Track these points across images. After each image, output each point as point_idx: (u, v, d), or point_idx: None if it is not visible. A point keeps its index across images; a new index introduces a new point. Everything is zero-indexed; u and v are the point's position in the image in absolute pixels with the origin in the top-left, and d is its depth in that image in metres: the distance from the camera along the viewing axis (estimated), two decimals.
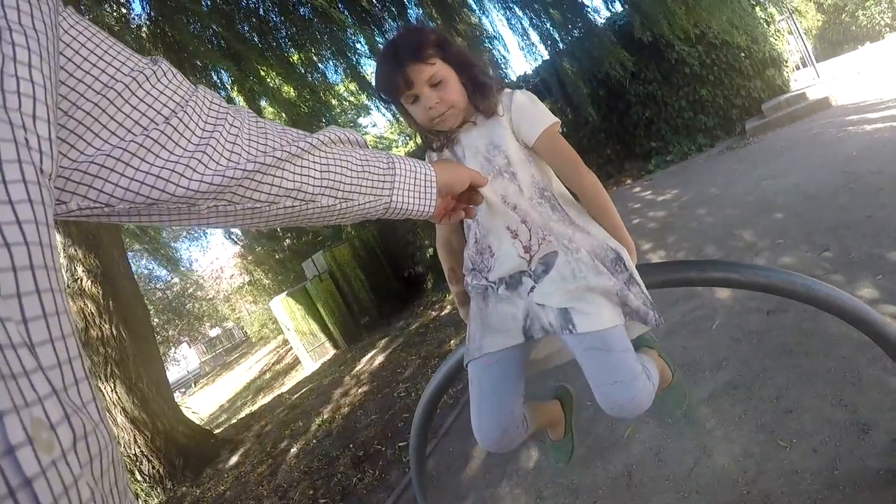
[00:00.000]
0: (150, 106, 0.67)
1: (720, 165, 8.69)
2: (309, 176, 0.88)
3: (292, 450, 5.56)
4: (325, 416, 6.06)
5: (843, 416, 2.28)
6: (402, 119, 1.64)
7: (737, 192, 6.54)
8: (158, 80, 0.69)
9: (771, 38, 10.69)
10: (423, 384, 5.36)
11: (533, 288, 1.44)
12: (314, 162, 0.90)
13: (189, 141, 0.71)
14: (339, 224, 1.02)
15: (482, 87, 1.53)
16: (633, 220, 7.51)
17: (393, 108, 1.63)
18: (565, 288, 1.40)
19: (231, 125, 0.78)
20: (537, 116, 1.51)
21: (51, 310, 0.43)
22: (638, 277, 1.49)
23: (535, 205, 1.50)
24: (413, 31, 1.55)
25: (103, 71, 0.63)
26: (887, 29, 17.05)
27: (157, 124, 0.67)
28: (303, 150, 0.87)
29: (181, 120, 0.70)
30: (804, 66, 12.47)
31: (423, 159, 1.59)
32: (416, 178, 1.05)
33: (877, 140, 6.02)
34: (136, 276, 8.27)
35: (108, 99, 0.63)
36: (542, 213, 1.49)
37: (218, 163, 0.74)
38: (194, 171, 0.71)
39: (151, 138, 0.67)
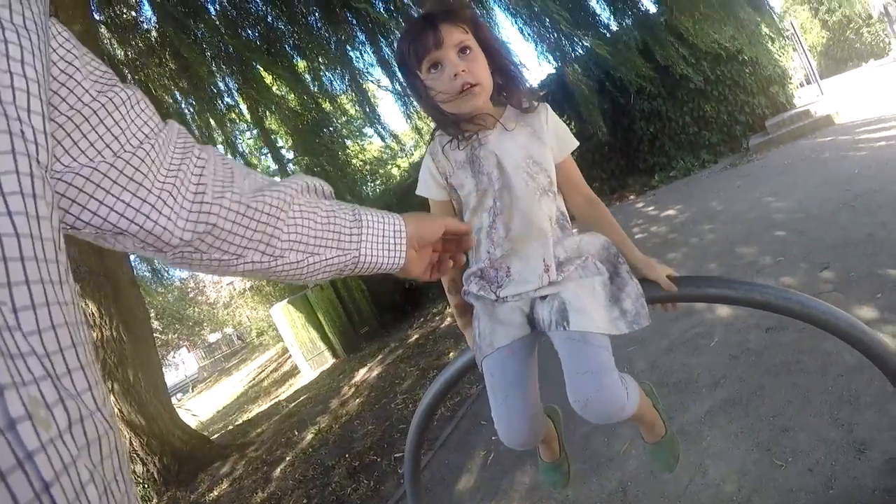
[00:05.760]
0: (123, 131, 0.67)
1: (723, 182, 8.71)
2: (278, 229, 0.86)
3: (287, 457, 5.54)
4: (322, 425, 6.04)
5: (840, 435, 2.27)
6: (414, 103, 1.54)
7: (739, 208, 6.54)
8: (132, 106, 0.69)
9: (775, 55, 10.72)
10: (420, 396, 5.33)
11: (539, 289, 1.44)
12: (284, 213, 0.87)
13: (157, 174, 0.70)
14: (305, 282, 0.97)
15: (514, 78, 1.50)
16: (636, 236, 7.52)
17: (408, 91, 1.55)
18: (567, 286, 1.41)
19: (195, 165, 0.77)
20: (568, 136, 1.51)
21: (40, 301, 0.43)
22: (635, 279, 1.48)
23: (565, 226, 1.50)
24: (448, 2, 1.50)
25: (79, 83, 0.63)
26: (891, 45, 17.12)
27: (126, 151, 0.67)
28: (271, 203, 0.84)
29: (153, 147, 0.70)
30: (808, 82, 12.50)
31: (432, 152, 1.54)
32: (384, 231, 1.00)
33: (879, 158, 6.04)
34: (137, 279, 8.27)
35: (83, 115, 0.63)
36: (566, 234, 1.50)
37: (183, 207, 0.73)
38: (160, 213, 0.70)
39: (123, 159, 0.66)
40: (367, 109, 9.56)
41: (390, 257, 1.00)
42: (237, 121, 10.18)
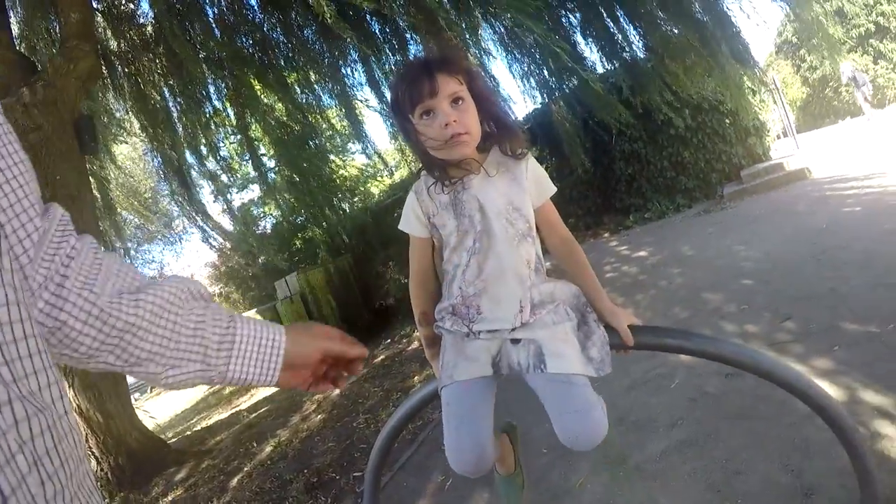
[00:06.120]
0: (27, 195, 0.68)
1: (695, 227, 8.89)
2: (137, 337, 0.81)
3: (245, 468, 5.48)
4: (282, 439, 5.99)
5: (789, 480, 2.34)
6: (404, 142, 1.63)
7: (709, 254, 6.70)
8: (26, 171, 0.69)
9: (755, 108, 10.99)
10: (383, 417, 5.35)
11: (513, 330, 1.49)
12: (146, 322, 0.81)
13: (37, 261, 0.71)
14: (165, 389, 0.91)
15: (507, 125, 1.56)
16: (608, 275, 7.63)
17: (398, 130, 1.61)
18: (541, 333, 1.47)
19: (66, 255, 0.75)
20: (548, 181, 1.58)
21: None
22: (602, 327, 1.55)
23: (539, 270, 1.56)
24: (446, 52, 1.56)
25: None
26: (868, 104, 17.77)
27: (28, 223, 0.69)
28: (128, 312, 0.79)
29: (41, 229, 0.71)
30: (785, 135, 12.83)
31: (416, 191, 1.59)
32: (259, 345, 0.94)
33: (846, 215, 6.25)
34: None
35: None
36: (541, 278, 1.56)
37: (41, 297, 0.72)
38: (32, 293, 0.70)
39: (25, 231, 0.68)
40: (355, 126, 9.61)
41: (262, 374, 0.95)
42: (223, 125, 10.17)
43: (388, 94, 8.46)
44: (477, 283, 1.51)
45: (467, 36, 7.74)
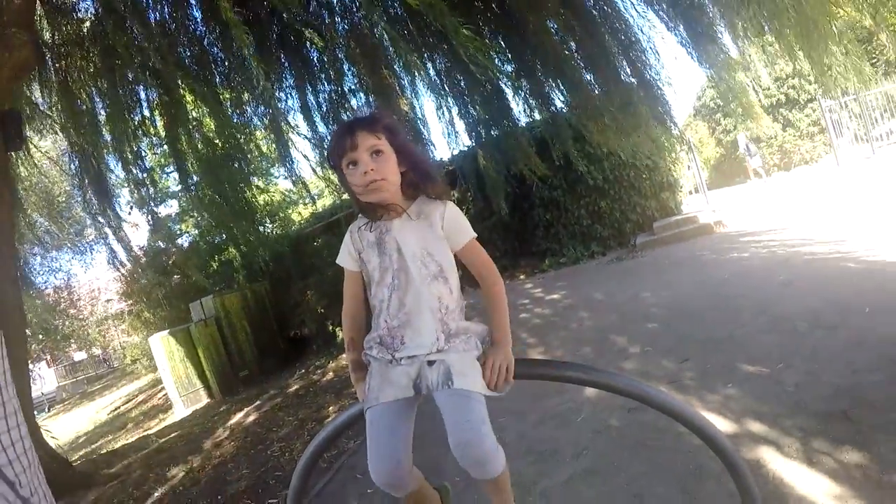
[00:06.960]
0: None
1: (608, 274, 9.33)
2: None
3: (156, 494, 5.34)
4: (195, 465, 5.88)
5: (684, 501, 2.60)
6: (342, 187, 1.91)
7: (619, 300, 7.08)
8: None
9: (670, 165, 11.63)
10: (298, 446, 5.39)
11: (429, 354, 1.71)
12: None
13: None
14: None
15: (428, 175, 1.82)
16: (521, 315, 7.89)
17: (336, 175, 1.86)
18: (452, 356, 1.69)
19: None
20: (464, 228, 1.81)
21: None
22: None
23: (457, 306, 1.80)
24: (372, 112, 1.85)
25: None
26: (775, 168, 19.17)
27: None
28: None
29: None
30: (697, 192, 13.57)
31: (351, 230, 1.85)
32: None
33: (747, 266, 6.79)
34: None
35: None
36: (460, 315, 1.80)
37: None
38: None
39: None
40: (282, 151, 9.54)
41: None
42: (150, 134, 9.88)
43: (319, 122, 8.66)
44: (400, 315, 1.75)
45: (402, 75, 7.97)
